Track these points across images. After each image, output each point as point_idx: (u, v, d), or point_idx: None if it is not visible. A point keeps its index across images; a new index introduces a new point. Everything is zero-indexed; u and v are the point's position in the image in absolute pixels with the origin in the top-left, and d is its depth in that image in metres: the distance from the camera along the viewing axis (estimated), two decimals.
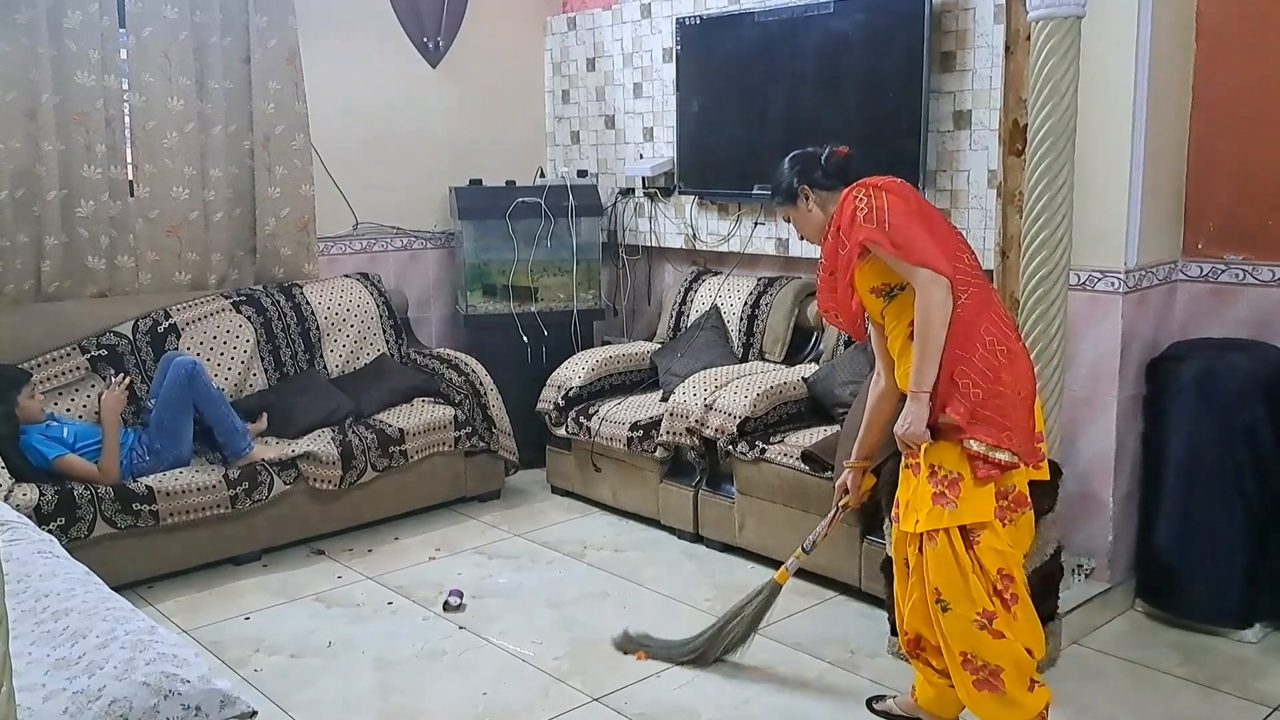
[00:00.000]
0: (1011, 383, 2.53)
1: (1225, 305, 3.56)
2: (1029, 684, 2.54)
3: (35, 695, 1.89)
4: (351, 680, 3.21)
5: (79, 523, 3.61)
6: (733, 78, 4.73)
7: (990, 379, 2.50)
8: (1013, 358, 2.55)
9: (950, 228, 2.68)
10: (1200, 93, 3.55)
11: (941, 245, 2.53)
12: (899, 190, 2.60)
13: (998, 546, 2.51)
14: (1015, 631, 2.52)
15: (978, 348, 2.51)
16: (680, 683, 3.16)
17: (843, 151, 2.78)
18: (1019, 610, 2.54)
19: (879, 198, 2.56)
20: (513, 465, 4.84)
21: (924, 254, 2.49)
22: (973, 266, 2.61)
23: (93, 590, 2.36)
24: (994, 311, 2.58)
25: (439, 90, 5.40)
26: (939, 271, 2.48)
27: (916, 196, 2.65)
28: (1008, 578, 2.52)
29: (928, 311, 2.48)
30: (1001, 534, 2.53)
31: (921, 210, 2.60)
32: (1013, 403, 2.52)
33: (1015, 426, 2.51)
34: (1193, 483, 3.38)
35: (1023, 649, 2.53)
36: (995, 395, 2.50)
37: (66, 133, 4.16)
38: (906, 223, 2.52)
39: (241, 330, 4.54)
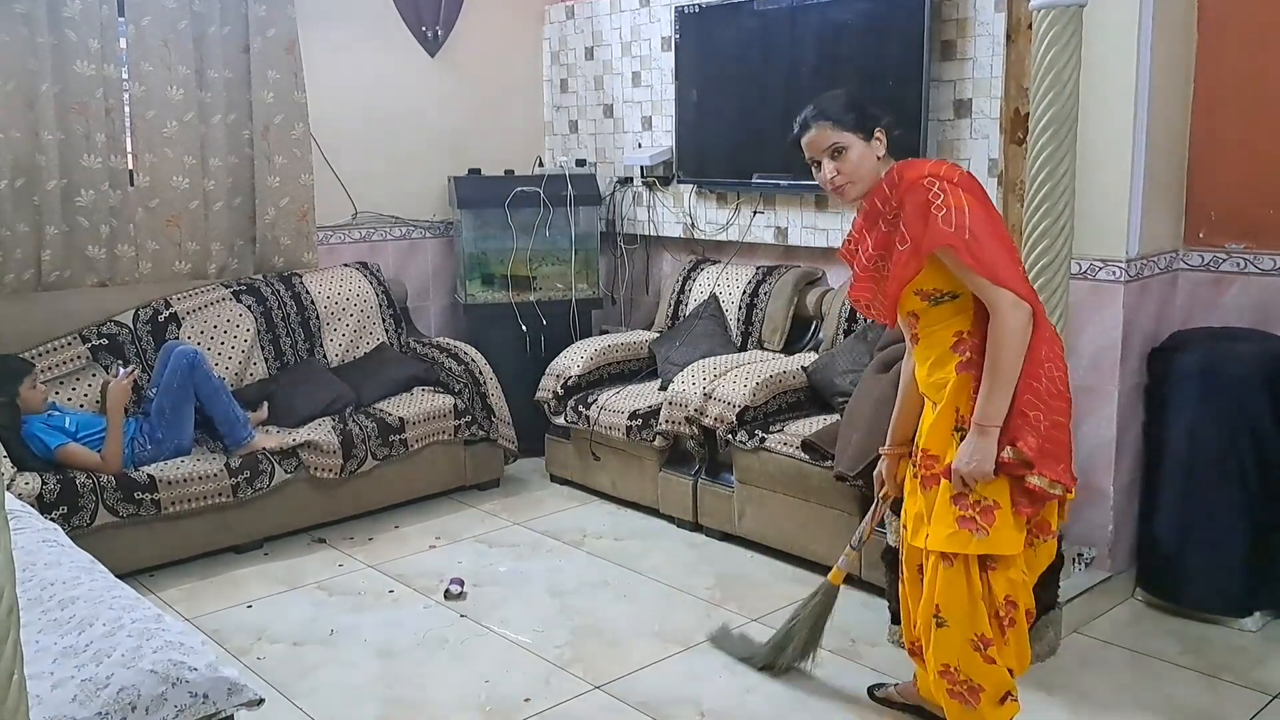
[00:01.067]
0: (1065, 409, 2.38)
1: (1226, 294, 3.56)
2: (1002, 697, 2.51)
3: (44, 683, 1.89)
4: (353, 668, 3.22)
5: (81, 511, 3.62)
6: (732, 67, 4.72)
7: (1052, 409, 2.35)
8: (1065, 382, 2.40)
9: (1008, 234, 2.43)
10: (1202, 82, 3.55)
11: (1018, 263, 2.35)
12: (975, 190, 2.35)
13: (1012, 575, 2.43)
14: (1004, 656, 2.49)
15: (1042, 376, 2.35)
16: (681, 672, 3.17)
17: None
18: (1012, 634, 2.49)
19: (957, 197, 2.29)
20: (512, 454, 4.85)
21: (1009, 276, 2.27)
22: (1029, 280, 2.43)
23: (98, 578, 2.36)
24: (1049, 330, 2.40)
25: (437, 79, 5.39)
26: (1022, 297, 2.28)
27: (986, 196, 2.41)
28: (1012, 604, 2.46)
29: (1008, 340, 2.27)
30: (1019, 563, 2.44)
31: (992, 217, 2.36)
32: (1067, 431, 2.39)
33: (1070, 458, 2.39)
34: (1193, 472, 3.39)
35: (1005, 671, 2.50)
36: (1056, 426, 2.35)
37: (66, 122, 4.15)
38: (989, 235, 2.28)
39: (242, 320, 4.54)
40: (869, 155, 2.45)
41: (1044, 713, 2.90)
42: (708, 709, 2.95)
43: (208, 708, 1.99)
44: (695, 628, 3.44)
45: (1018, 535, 2.38)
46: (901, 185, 2.38)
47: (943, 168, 2.39)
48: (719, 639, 3.28)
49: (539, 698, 3.03)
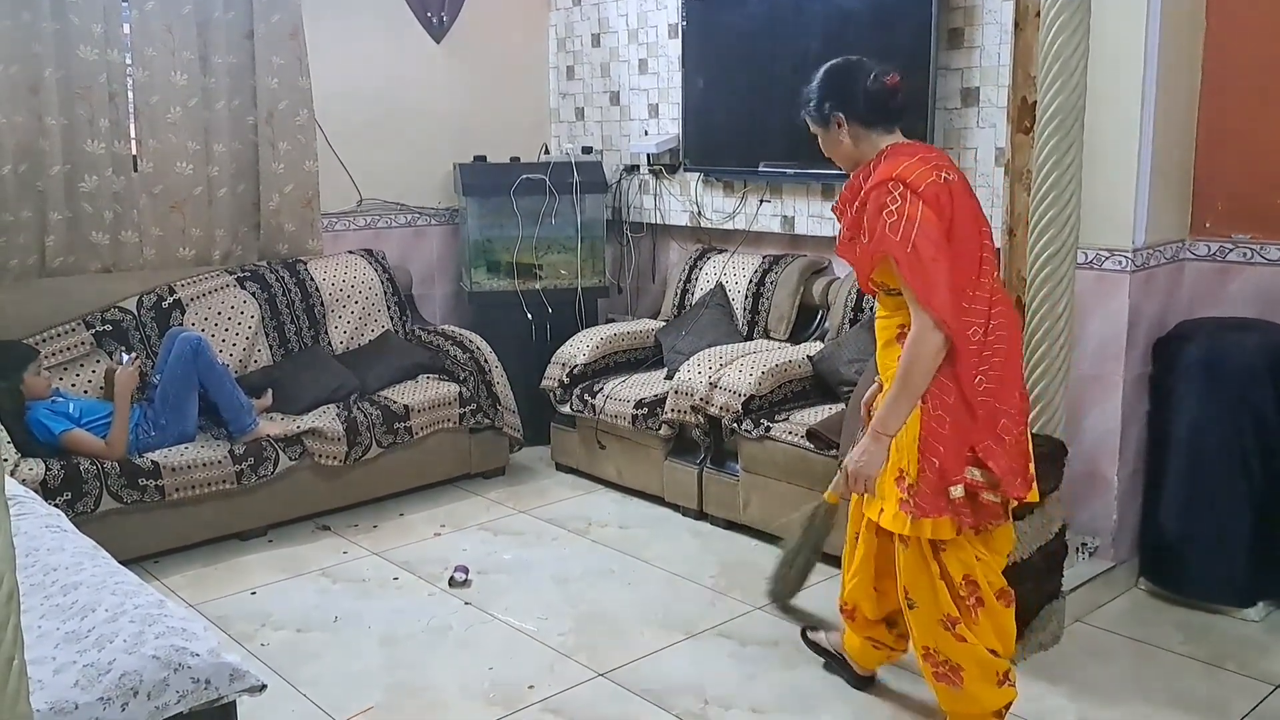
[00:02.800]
0: (1023, 423, 2.48)
1: (1232, 285, 3.55)
2: (997, 680, 2.54)
3: (46, 668, 1.90)
4: (358, 655, 3.22)
5: (85, 497, 3.62)
6: (739, 54, 4.70)
7: (1020, 424, 2.44)
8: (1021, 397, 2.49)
9: (979, 251, 2.44)
10: (1210, 71, 3.53)
11: (957, 279, 2.35)
12: (937, 199, 2.34)
13: (963, 556, 2.48)
14: (978, 634, 2.51)
15: (1016, 396, 2.45)
16: (685, 660, 3.18)
17: (894, 82, 2.44)
18: (983, 615, 2.52)
19: (914, 207, 2.31)
20: (517, 442, 4.85)
21: (932, 295, 2.31)
22: (992, 295, 2.44)
23: (101, 564, 2.37)
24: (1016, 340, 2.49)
25: (443, 66, 5.37)
26: (941, 319, 2.31)
27: (958, 204, 2.39)
28: (973, 584, 2.50)
29: (918, 359, 2.34)
30: (970, 543, 2.49)
31: (955, 226, 2.37)
32: (1026, 441, 2.48)
33: (1027, 467, 2.48)
34: (1198, 462, 3.38)
35: (984, 650, 2.52)
36: (1018, 441, 2.46)
37: (69, 107, 4.15)
38: (932, 250, 2.30)
39: (246, 306, 4.54)
40: (832, 140, 2.53)
41: (1047, 702, 2.90)
42: (711, 696, 2.96)
43: (210, 693, 1.99)
44: (699, 616, 3.44)
45: (948, 522, 2.42)
46: (872, 179, 2.42)
47: (915, 171, 2.37)
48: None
49: (543, 685, 3.03)
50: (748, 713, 2.88)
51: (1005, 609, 2.59)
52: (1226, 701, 2.91)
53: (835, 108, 2.48)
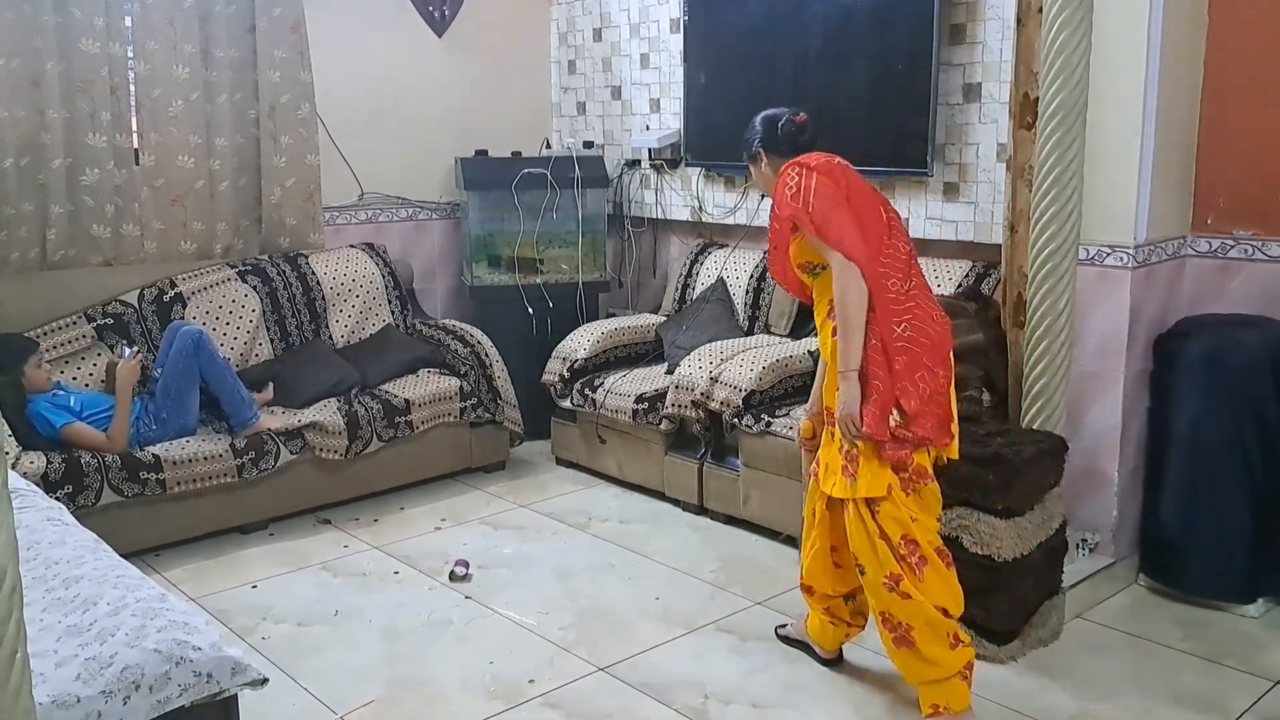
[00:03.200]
0: (945, 376, 2.67)
1: (1233, 281, 3.55)
2: (949, 642, 2.66)
3: (48, 661, 1.90)
4: (358, 649, 3.23)
5: (86, 491, 3.63)
6: (741, 49, 4.69)
7: (935, 375, 2.65)
8: (943, 351, 2.69)
9: (883, 216, 2.70)
10: (1212, 67, 3.53)
11: (865, 231, 2.61)
12: (830, 171, 2.66)
13: (897, 515, 2.63)
14: (924, 592, 2.64)
15: (942, 358, 2.67)
16: (685, 654, 3.18)
17: (800, 120, 2.83)
18: (928, 572, 2.65)
19: (809, 178, 2.64)
20: (518, 436, 4.85)
21: (840, 237, 2.58)
22: (910, 257, 2.70)
23: (102, 558, 2.37)
24: (933, 302, 2.72)
25: (445, 60, 5.37)
26: (851, 256, 2.56)
27: (853, 179, 2.70)
28: (912, 543, 2.64)
29: (845, 295, 2.58)
30: (903, 504, 2.64)
31: (852, 194, 2.65)
32: (948, 397, 2.68)
33: (948, 421, 2.68)
34: (1198, 458, 3.38)
35: (932, 608, 2.64)
36: (937, 392, 2.65)
37: (71, 100, 4.15)
38: (830, 205, 2.60)
39: (247, 300, 4.54)
40: (759, 173, 2.93)
41: (1046, 697, 2.91)
42: (711, 691, 2.96)
43: (212, 687, 2.00)
44: (699, 611, 3.45)
45: (880, 479, 2.62)
46: (779, 178, 2.75)
47: (811, 157, 2.72)
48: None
49: (543, 679, 3.04)
50: (748, 708, 2.89)
51: (947, 568, 2.72)
52: (1226, 697, 2.92)
53: (759, 144, 2.88)
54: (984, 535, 3.01)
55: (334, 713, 2.88)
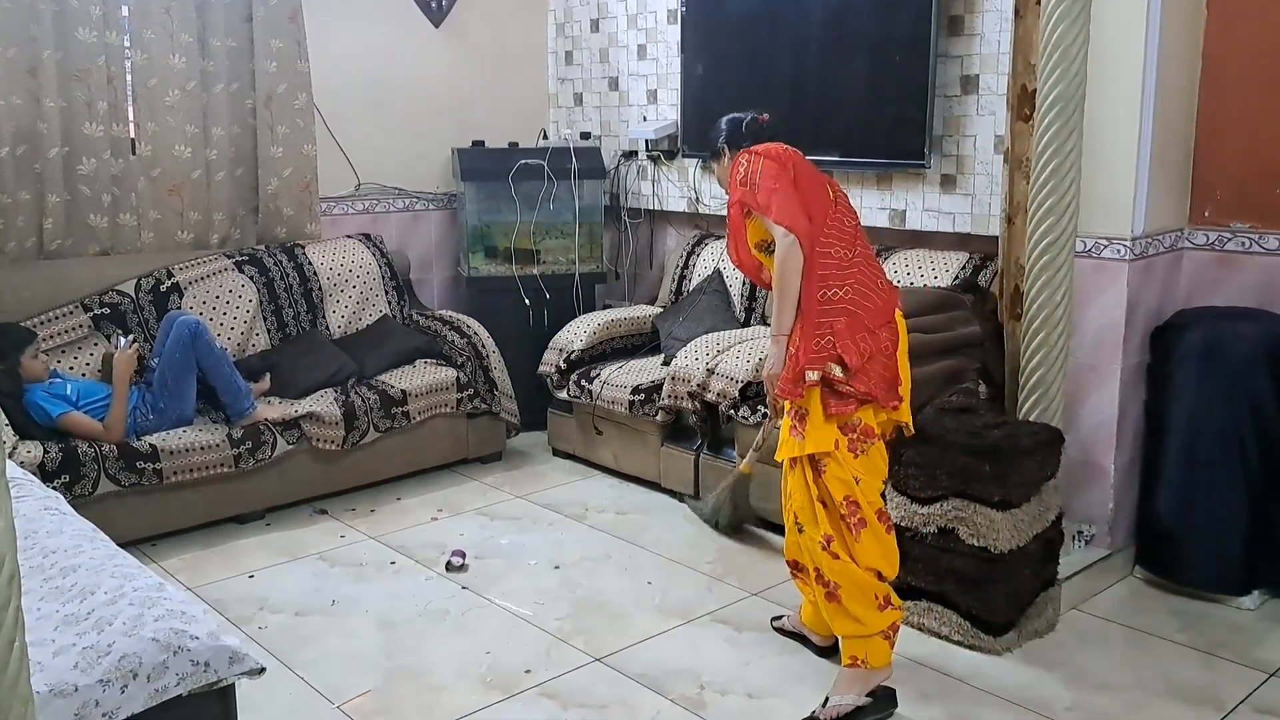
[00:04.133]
0: (891, 339, 2.78)
1: (1231, 274, 3.55)
2: (877, 603, 2.76)
3: (45, 650, 1.90)
4: (355, 639, 3.23)
5: (83, 480, 3.63)
6: (738, 40, 4.69)
7: (878, 337, 2.75)
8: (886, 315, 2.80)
9: (830, 195, 2.83)
10: (1210, 59, 3.53)
11: (810, 206, 2.75)
12: (778, 157, 2.79)
13: (842, 476, 2.73)
14: (856, 553, 2.75)
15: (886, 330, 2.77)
16: (681, 644, 3.19)
17: (763, 119, 3.01)
18: (865, 534, 2.75)
19: (756, 163, 2.79)
20: (514, 427, 4.85)
21: (781, 212, 2.71)
22: (855, 231, 2.83)
23: (100, 547, 2.37)
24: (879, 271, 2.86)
25: (442, 50, 5.35)
26: (790, 228, 2.69)
27: (799, 164, 2.82)
28: (854, 504, 2.74)
29: (782, 263, 2.72)
30: (848, 464, 2.74)
31: (799, 176, 2.78)
32: (894, 359, 2.79)
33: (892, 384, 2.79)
34: (1194, 450, 3.39)
35: (862, 571, 2.75)
36: (881, 353, 2.76)
37: (68, 90, 4.13)
38: (773, 185, 2.74)
39: (244, 290, 4.53)
40: (721, 168, 3.06)
41: (1042, 689, 2.92)
42: (707, 681, 2.97)
43: (209, 676, 2.00)
44: (696, 601, 3.46)
45: (828, 435, 2.73)
46: (732, 166, 2.89)
47: (761, 146, 2.85)
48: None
49: (540, 669, 3.04)
50: (744, 698, 2.89)
51: (887, 532, 2.81)
52: (1221, 689, 2.93)
53: (724, 141, 3.04)
54: (980, 527, 3.01)
55: (331, 702, 2.88)
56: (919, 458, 3.12)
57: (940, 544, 3.10)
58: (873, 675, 2.80)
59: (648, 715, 2.82)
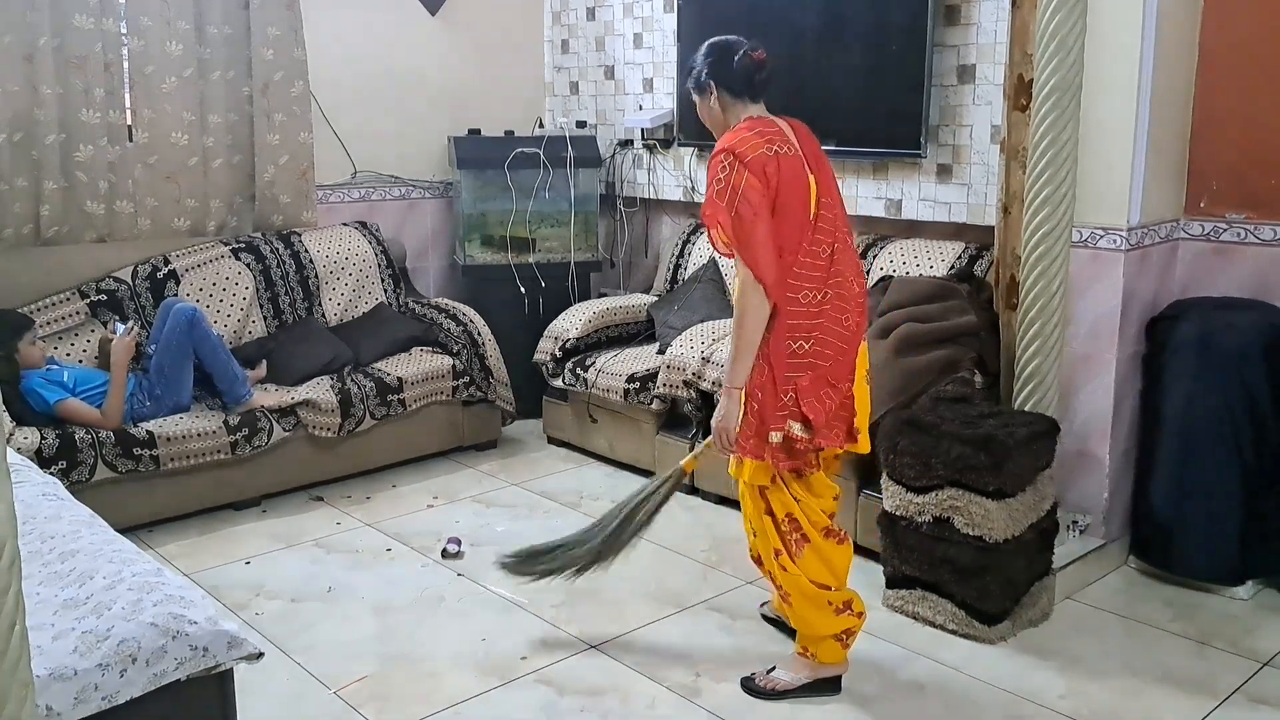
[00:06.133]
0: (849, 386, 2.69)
1: (1226, 264, 3.56)
2: (829, 610, 2.78)
3: (45, 634, 1.91)
4: (351, 625, 3.24)
5: (80, 466, 3.63)
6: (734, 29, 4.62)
7: (840, 390, 2.67)
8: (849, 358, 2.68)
9: (809, 211, 2.59)
10: (1206, 50, 3.53)
11: (784, 239, 2.55)
12: (761, 171, 2.51)
13: (782, 498, 2.73)
14: (800, 567, 2.75)
15: (848, 367, 2.67)
16: (677, 632, 3.20)
17: (758, 57, 2.65)
18: (807, 550, 2.76)
19: (739, 176, 2.51)
20: (509, 415, 4.86)
21: (753, 255, 2.52)
22: (830, 258, 2.61)
23: (98, 532, 2.37)
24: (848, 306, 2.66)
25: (438, 38, 5.34)
26: (758, 278, 2.52)
27: (784, 170, 2.54)
28: (794, 522, 2.74)
29: (743, 314, 2.56)
30: (789, 487, 2.72)
31: (782, 188, 2.54)
32: (852, 401, 2.71)
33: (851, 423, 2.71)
34: (1189, 441, 3.40)
35: (806, 581, 2.75)
36: (844, 402, 2.69)
37: (65, 76, 4.12)
38: (752, 216, 2.51)
39: (240, 277, 4.53)
40: (705, 107, 2.73)
41: (1035, 677, 2.94)
42: (703, 669, 2.98)
43: (208, 661, 2.01)
44: (691, 590, 3.47)
45: (764, 471, 2.70)
46: (713, 157, 2.60)
47: (747, 144, 2.54)
48: (509, 565, 3.24)
49: (536, 656, 3.05)
50: (738, 685, 2.90)
51: (837, 545, 2.80)
52: (1214, 678, 2.95)
53: (709, 76, 2.67)
54: (975, 516, 3.03)
55: (328, 688, 2.89)
56: (914, 447, 3.13)
57: (935, 533, 3.12)
58: (820, 668, 2.84)
59: (644, 702, 2.83)
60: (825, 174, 2.68)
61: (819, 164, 2.67)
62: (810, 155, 2.65)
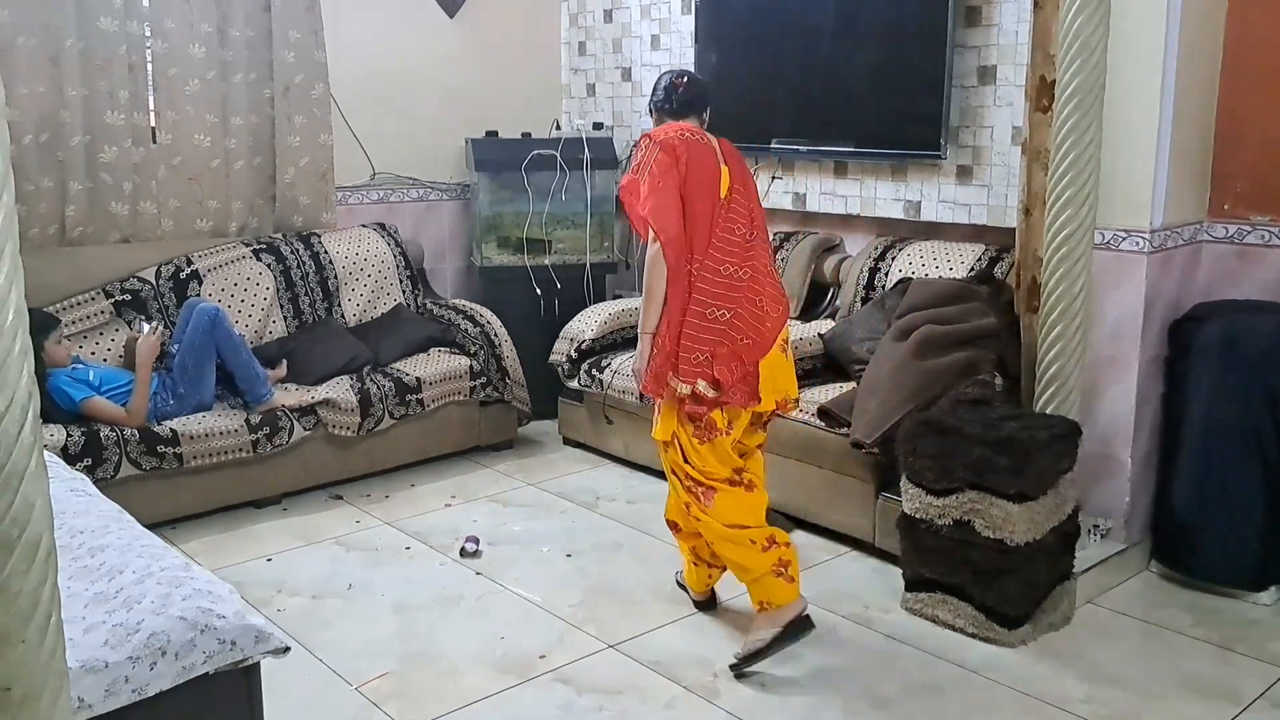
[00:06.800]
0: (756, 351, 2.90)
1: (1250, 267, 3.55)
2: (755, 547, 2.95)
3: (76, 627, 1.92)
4: (371, 622, 3.26)
5: (105, 464, 3.65)
6: (752, 30, 4.69)
7: (742, 362, 2.89)
8: (757, 327, 2.91)
9: (717, 198, 2.88)
10: (1231, 51, 3.52)
11: (692, 212, 2.83)
12: (672, 147, 2.86)
13: (676, 459, 2.99)
14: (713, 514, 2.96)
15: (744, 329, 2.89)
16: (694, 633, 3.21)
17: (678, 82, 3.07)
18: (717, 498, 2.96)
19: (651, 152, 2.87)
20: (526, 416, 4.87)
21: (655, 214, 2.82)
22: (749, 239, 2.90)
23: (126, 528, 2.39)
24: (762, 293, 2.91)
25: (456, 41, 5.36)
26: (658, 232, 2.81)
27: (695, 157, 2.87)
28: (695, 480, 2.97)
29: (650, 267, 2.86)
30: (693, 450, 2.95)
31: (690, 173, 2.85)
32: (757, 370, 2.92)
33: (755, 387, 2.93)
34: (1212, 445, 3.38)
35: (722, 526, 2.95)
36: (748, 375, 2.91)
37: (90, 78, 4.16)
38: (659, 181, 2.83)
39: (261, 278, 4.55)
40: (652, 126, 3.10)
41: (1057, 682, 2.93)
42: (720, 670, 2.98)
43: (235, 655, 2.02)
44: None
45: (667, 426, 2.99)
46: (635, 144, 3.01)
47: (662, 131, 2.93)
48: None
49: (554, 655, 3.06)
50: (756, 686, 2.91)
51: (745, 491, 3.00)
52: (1237, 684, 2.93)
53: (650, 103, 3.14)
54: (996, 519, 3.02)
55: (349, 684, 2.91)
56: (934, 449, 3.12)
57: (956, 536, 3.11)
58: (781, 613, 2.96)
59: (662, 702, 2.84)
60: (745, 177, 3.00)
61: (739, 167, 3.00)
62: (729, 156, 2.98)
